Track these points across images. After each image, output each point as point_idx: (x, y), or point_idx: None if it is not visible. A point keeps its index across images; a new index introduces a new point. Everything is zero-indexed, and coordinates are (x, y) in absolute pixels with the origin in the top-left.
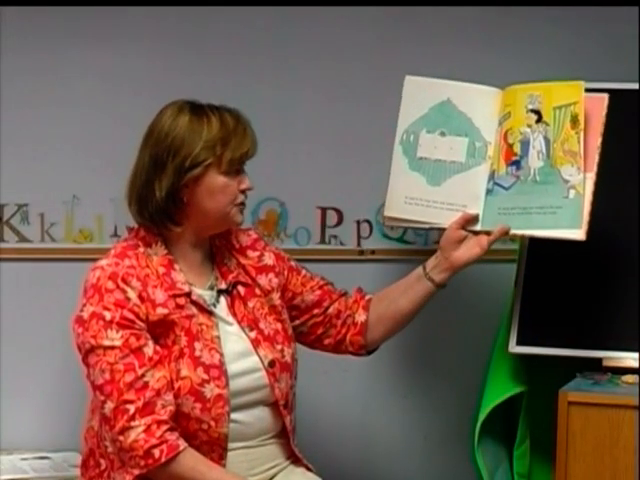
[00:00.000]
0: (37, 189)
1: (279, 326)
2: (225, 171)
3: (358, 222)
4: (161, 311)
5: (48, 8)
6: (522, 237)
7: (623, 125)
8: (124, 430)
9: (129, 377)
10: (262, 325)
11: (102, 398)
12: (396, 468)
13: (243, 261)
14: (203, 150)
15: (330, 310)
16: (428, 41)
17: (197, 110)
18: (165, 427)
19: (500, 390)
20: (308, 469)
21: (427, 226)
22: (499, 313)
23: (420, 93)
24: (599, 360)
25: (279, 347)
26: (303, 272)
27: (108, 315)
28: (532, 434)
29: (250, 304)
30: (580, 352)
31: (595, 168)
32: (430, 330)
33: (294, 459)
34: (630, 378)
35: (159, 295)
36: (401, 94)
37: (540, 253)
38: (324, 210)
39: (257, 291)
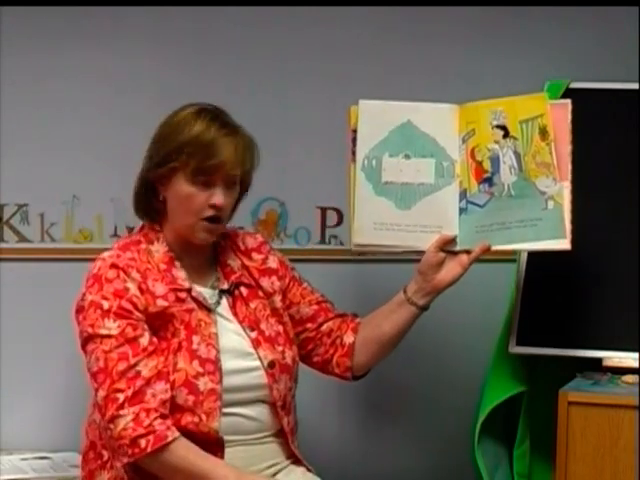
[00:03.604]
0: (37, 189)
1: (280, 328)
2: (191, 180)
3: None
4: (161, 303)
5: (48, 8)
6: (504, 252)
7: (623, 125)
8: (114, 418)
9: (122, 366)
10: (263, 326)
11: (95, 386)
12: (396, 468)
13: (247, 263)
14: (173, 152)
15: (323, 327)
16: (427, 41)
17: (199, 112)
18: (154, 415)
19: (500, 390)
20: (308, 470)
21: (400, 249)
22: (499, 313)
23: (377, 117)
24: (599, 360)
25: (280, 349)
26: (304, 284)
27: (106, 304)
28: (532, 434)
29: (252, 305)
30: (580, 352)
31: (569, 176)
32: (430, 330)
33: (294, 459)
34: (630, 378)
35: (159, 288)
36: (401, 94)
37: (540, 253)
38: (324, 210)
39: (260, 293)
